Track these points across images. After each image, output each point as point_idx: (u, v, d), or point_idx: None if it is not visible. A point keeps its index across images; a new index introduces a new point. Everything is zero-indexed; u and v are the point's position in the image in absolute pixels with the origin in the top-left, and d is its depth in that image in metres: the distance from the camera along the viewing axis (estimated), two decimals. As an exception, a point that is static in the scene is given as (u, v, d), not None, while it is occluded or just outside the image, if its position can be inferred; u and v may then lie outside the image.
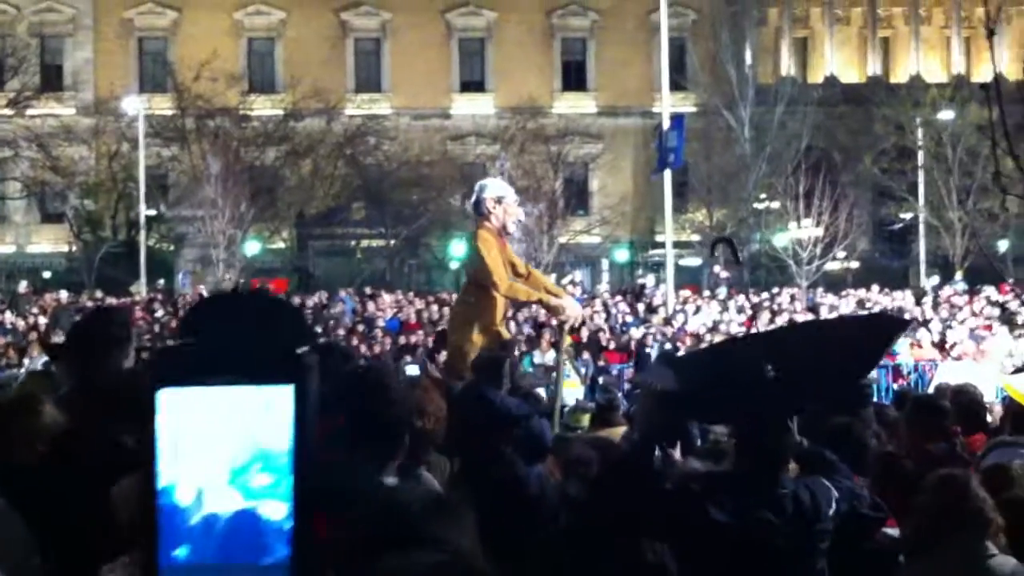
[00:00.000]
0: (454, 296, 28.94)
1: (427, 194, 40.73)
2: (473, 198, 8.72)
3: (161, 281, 34.41)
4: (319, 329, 22.68)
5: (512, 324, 23.33)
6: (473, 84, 47.00)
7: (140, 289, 33.82)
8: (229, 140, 38.78)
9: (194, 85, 39.04)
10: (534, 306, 13.65)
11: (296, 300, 26.60)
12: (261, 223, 38.66)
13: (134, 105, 38.48)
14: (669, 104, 28.06)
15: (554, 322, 10.87)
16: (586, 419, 7.42)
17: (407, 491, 1.86)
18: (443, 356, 9.83)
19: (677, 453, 4.87)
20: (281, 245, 40.32)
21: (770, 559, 4.25)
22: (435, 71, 45.92)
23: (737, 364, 4.71)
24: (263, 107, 41.08)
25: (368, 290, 28.71)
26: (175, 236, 38.39)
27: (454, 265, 38.71)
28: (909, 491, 4.71)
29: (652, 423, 5.13)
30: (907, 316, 21.34)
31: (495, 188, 8.79)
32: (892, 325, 6.40)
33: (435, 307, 25.76)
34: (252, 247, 37.71)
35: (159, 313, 25.73)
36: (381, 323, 23.73)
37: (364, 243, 41.40)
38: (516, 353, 9.77)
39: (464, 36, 47.12)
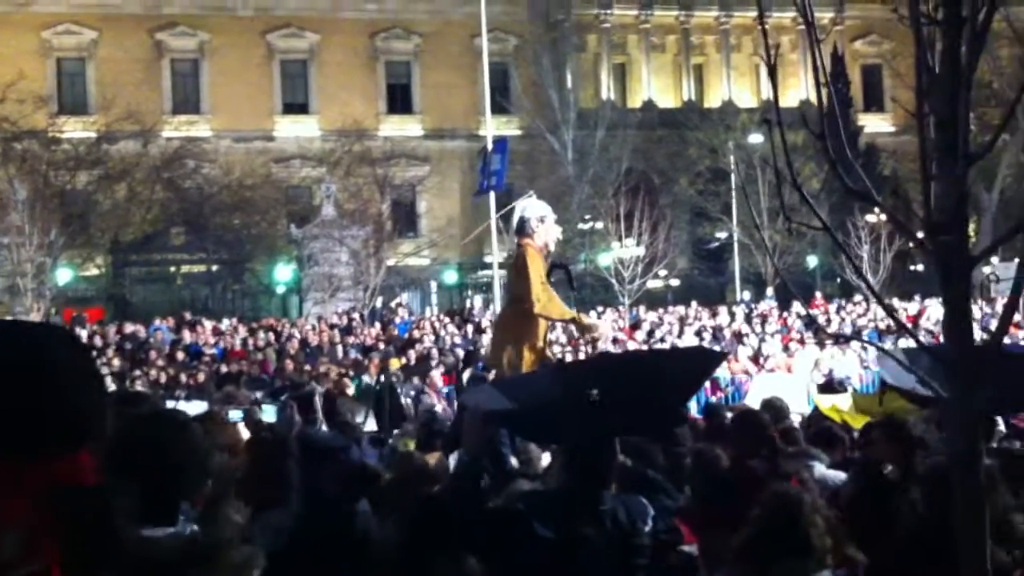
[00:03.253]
0: (283, 322, 28.50)
1: (250, 218, 39.90)
2: (516, 218, 8.60)
3: (-36, 313, 32.53)
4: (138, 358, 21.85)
5: (340, 348, 23.12)
6: (296, 106, 46.47)
7: (-59, 322, 31.84)
8: (37, 164, 36.97)
9: (-1, 107, 37.17)
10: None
11: (112, 328, 25.59)
12: (73, 250, 36.97)
13: (-67, 127, 36.37)
14: (493, 127, 28.41)
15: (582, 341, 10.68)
16: (412, 444, 7.40)
17: (166, 541, 1.69)
18: (491, 375, 9.44)
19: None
20: (95, 272, 38.69)
21: (592, 573, 4.34)
22: (256, 93, 45.17)
23: (563, 388, 4.84)
24: (74, 129, 39.39)
25: (188, 316, 27.83)
26: (-20, 265, 36.28)
27: (280, 290, 37.93)
28: (728, 502, 4.87)
29: (477, 443, 5.17)
30: (722, 347, 22.16)
31: (538, 208, 8.71)
32: (710, 360, 6.66)
33: (261, 334, 25.21)
34: (64, 275, 36.04)
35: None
36: (207, 351, 23.06)
37: (184, 269, 40.14)
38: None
39: (286, 58, 46.55)
